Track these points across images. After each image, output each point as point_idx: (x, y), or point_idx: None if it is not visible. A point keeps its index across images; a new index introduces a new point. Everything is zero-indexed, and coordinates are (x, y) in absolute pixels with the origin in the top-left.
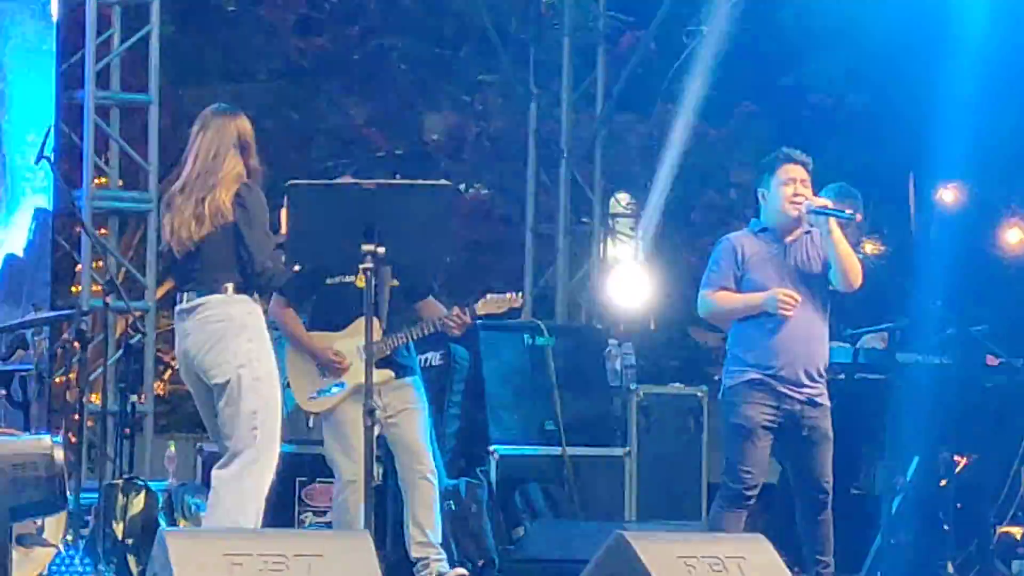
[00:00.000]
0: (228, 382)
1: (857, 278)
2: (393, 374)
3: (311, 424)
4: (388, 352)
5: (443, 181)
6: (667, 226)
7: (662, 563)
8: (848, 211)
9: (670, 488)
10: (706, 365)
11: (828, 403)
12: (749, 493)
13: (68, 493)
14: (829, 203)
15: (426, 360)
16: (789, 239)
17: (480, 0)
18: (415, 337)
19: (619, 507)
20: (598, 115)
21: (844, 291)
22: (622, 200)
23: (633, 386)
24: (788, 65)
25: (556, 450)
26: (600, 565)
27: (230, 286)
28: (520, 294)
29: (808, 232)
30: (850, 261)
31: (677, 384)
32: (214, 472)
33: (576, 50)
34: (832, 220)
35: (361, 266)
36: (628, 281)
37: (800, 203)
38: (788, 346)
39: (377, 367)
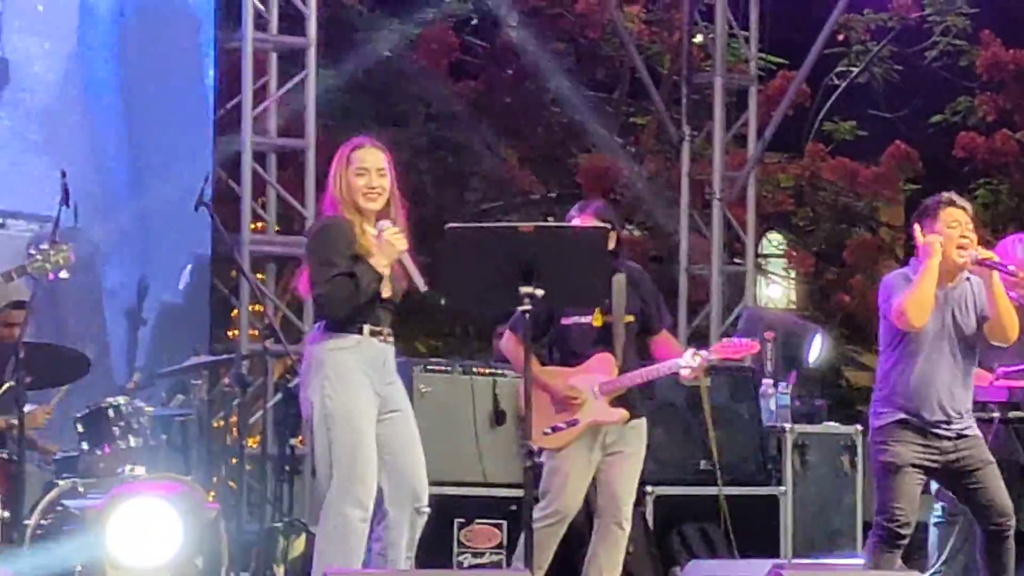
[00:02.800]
0: (308, 420)
1: (1014, 333)
2: (628, 414)
3: (484, 468)
4: (623, 392)
5: (600, 224)
6: (819, 265)
7: None
8: (1012, 267)
9: (825, 527)
10: (858, 404)
11: (979, 433)
12: (902, 531)
13: None
14: (995, 256)
15: None
16: (950, 285)
17: (632, 43)
18: (648, 379)
19: (775, 546)
20: (750, 156)
21: (999, 344)
22: (774, 240)
23: (788, 425)
24: (939, 104)
25: (712, 490)
26: None
27: (319, 324)
28: (755, 340)
29: (968, 279)
30: (1008, 316)
31: (831, 423)
32: None
33: (728, 91)
34: (995, 274)
35: (521, 308)
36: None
37: (967, 248)
38: (934, 390)
39: (613, 405)
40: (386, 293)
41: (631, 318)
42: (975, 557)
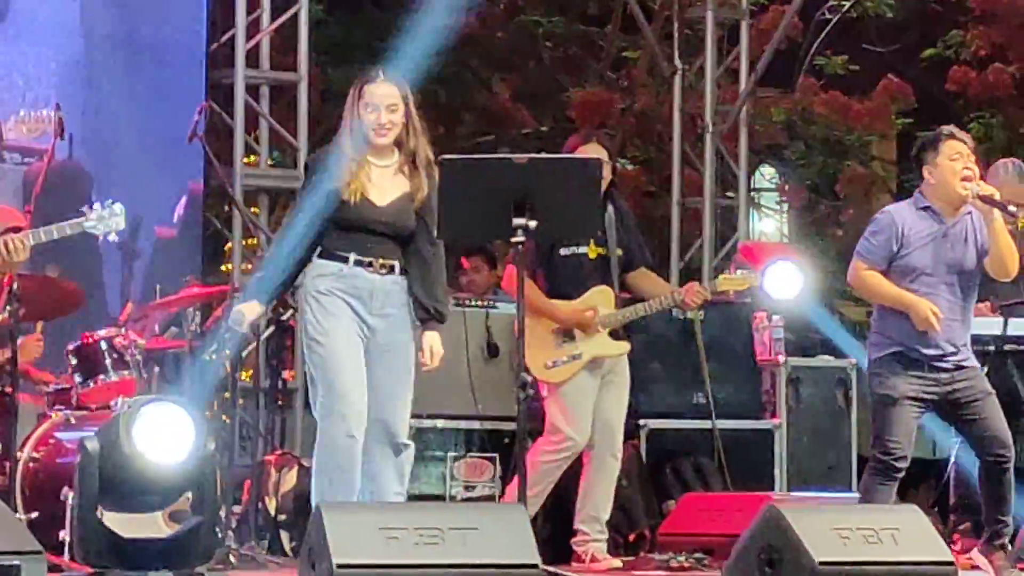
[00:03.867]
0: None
1: (1014, 269)
2: (629, 347)
3: (476, 402)
4: (623, 325)
5: (592, 156)
6: (812, 199)
7: (816, 535)
8: (1012, 207)
9: (820, 460)
10: (853, 338)
11: (977, 364)
12: (898, 464)
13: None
14: (996, 193)
15: None
16: (951, 220)
17: None
18: (650, 312)
19: (769, 480)
20: (742, 90)
21: (999, 279)
22: (767, 174)
23: (782, 359)
24: (932, 38)
25: (706, 423)
26: (753, 538)
27: (318, 250)
28: (756, 275)
29: (969, 213)
30: (1009, 252)
31: (825, 356)
32: None
33: (720, 25)
34: (997, 210)
35: (512, 239)
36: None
37: (970, 180)
38: (933, 330)
39: (613, 338)
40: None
41: (620, 252)
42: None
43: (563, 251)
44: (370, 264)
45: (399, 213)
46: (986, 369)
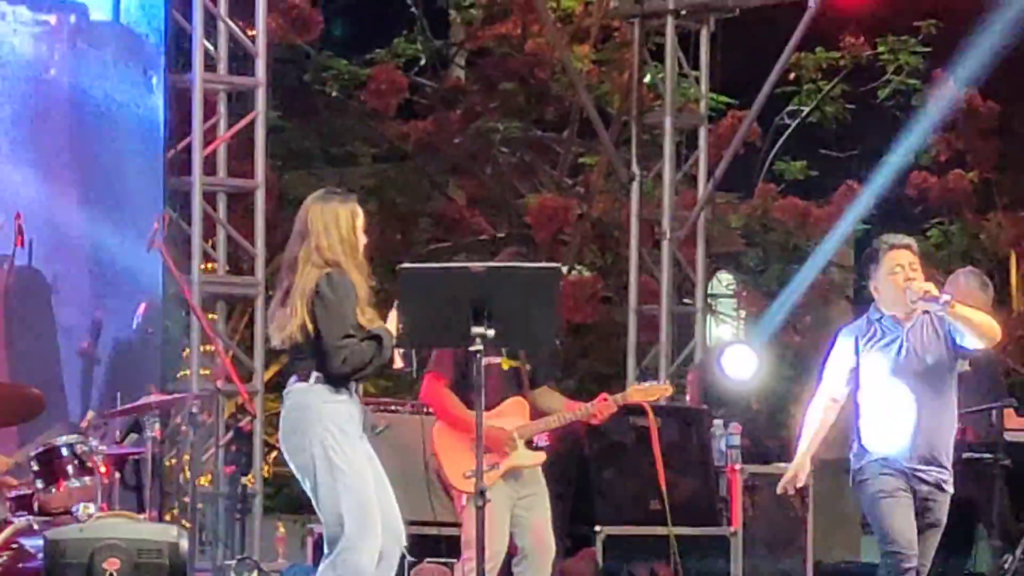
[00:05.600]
0: (308, 469)
1: (996, 334)
2: (544, 457)
3: (433, 507)
4: (535, 435)
5: (550, 264)
6: (768, 305)
7: None
8: (944, 298)
9: (775, 567)
10: None
11: (951, 491)
12: (909, 553)
13: None
14: (932, 288)
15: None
16: (908, 323)
17: (582, 83)
18: (562, 423)
19: None
20: (700, 195)
21: (987, 347)
22: (724, 280)
23: (738, 466)
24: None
25: (662, 529)
26: None
27: (314, 375)
28: (669, 383)
29: (926, 312)
30: (979, 324)
31: (781, 463)
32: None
33: (678, 131)
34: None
35: (471, 348)
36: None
37: (910, 288)
38: (915, 436)
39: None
40: (397, 365)
41: (528, 367)
42: None
43: (472, 347)
44: (358, 389)
45: None
46: None
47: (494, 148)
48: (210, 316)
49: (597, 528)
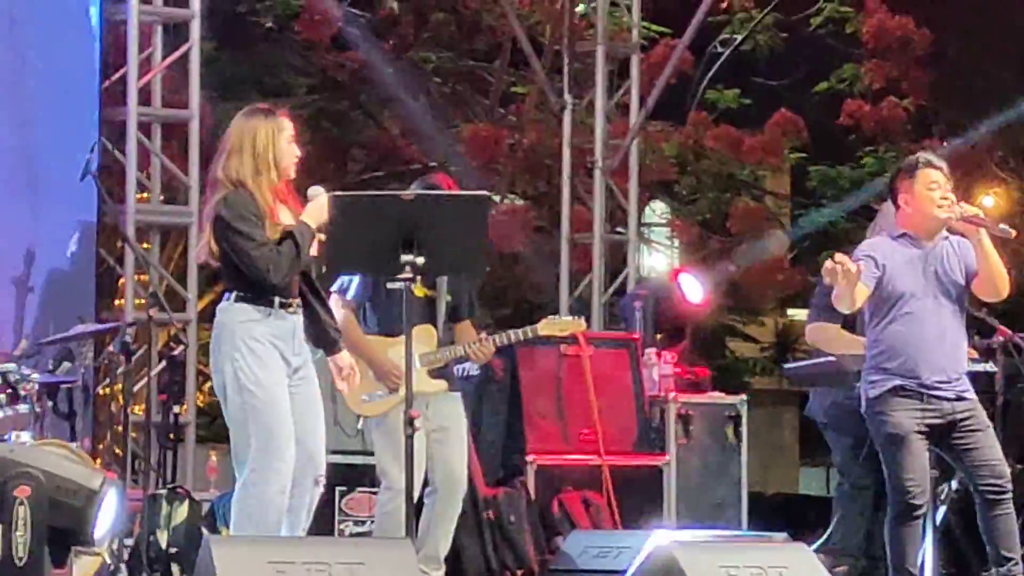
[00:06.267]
0: (221, 389)
1: (1005, 288)
2: (447, 385)
3: (360, 426)
4: (442, 364)
5: (480, 192)
6: (703, 234)
7: (704, 573)
8: (1002, 225)
9: (710, 498)
10: (743, 374)
11: (975, 396)
12: (917, 502)
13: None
14: (981, 213)
15: (464, 370)
16: (929, 244)
17: (513, 12)
18: (454, 355)
19: (658, 517)
20: (632, 124)
21: (990, 300)
22: (658, 209)
23: (671, 395)
24: (825, 71)
25: (595, 460)
26: (641, 575)
27: (233, 294)
28: (583, 320)
29: (947, 238)
30: (998, 271)
31: (716, 393)
32: None
33: (610, 60)
34: (983, 231)
35: (400, 276)
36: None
37: (950, 206)
38: (927, 353)
39: (432, 377)
40: (313, 250)
41: (449, 297)
42: (880, 528)
43: (390, 285)
44: (289, 305)
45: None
46: None
47: (426, 78)
48: (144, 246)
49: (529, 458)
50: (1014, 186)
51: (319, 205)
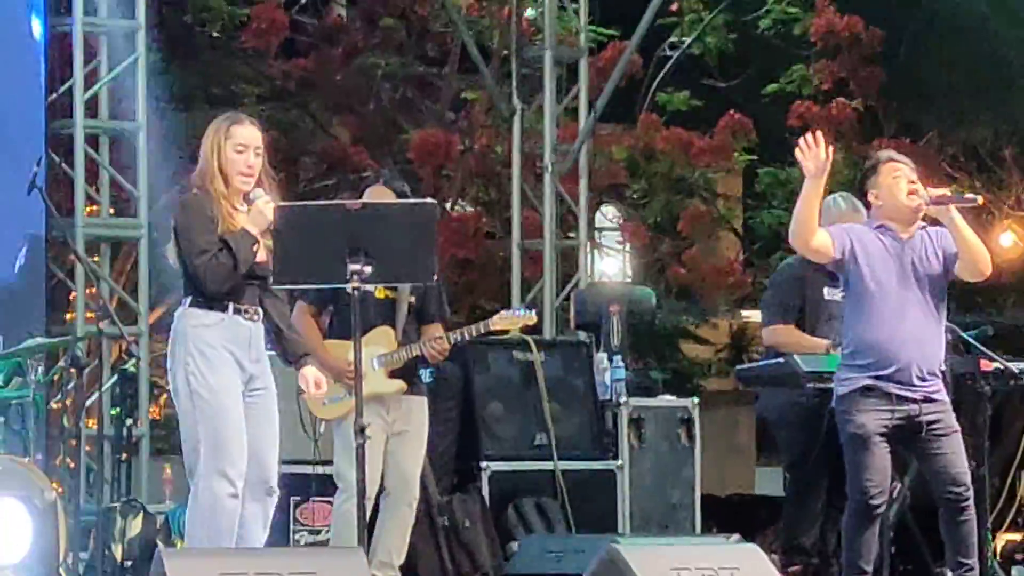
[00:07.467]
0: (176, 394)
1: (987, 266)
2: (406, 385)
3: (323, 430)
4: (400, 365)
5: (427, 199)
6: (654, 238)
7: (655, 575)
8: (968, 194)
9: (663, 501)
10: (695, 377)
11: (946, 399)
12: (875, 503)
13: None
14: (947, 191)
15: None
16: (905, 236)
17: (461, 19)
18: (408, 357)
19: (612, 521)
20: (582, 128)
21: (974, 280)
22: (608, 214)
23: (623, 399)
24: (774, 73)
25: (548, 465)
26: None
27: (188, 299)
28: (534, 313)
29: (923, 228)
30: (978, 248)
31: (668, 396)
32: None
33: (559, 64)
34: (954, 208)
35: (349, 285)
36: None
37: (916, 192)
38: (902, 348)
39: (392, 377)
40: (261, 256)
41: (412, 299)
42: (833, 526)
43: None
44: (246, 311)
45: (261, 259)
46: None
47: (375, 85)
48: (94, 259)
49: (483, 464)
50: (965, 185)
51: (260, 210)
